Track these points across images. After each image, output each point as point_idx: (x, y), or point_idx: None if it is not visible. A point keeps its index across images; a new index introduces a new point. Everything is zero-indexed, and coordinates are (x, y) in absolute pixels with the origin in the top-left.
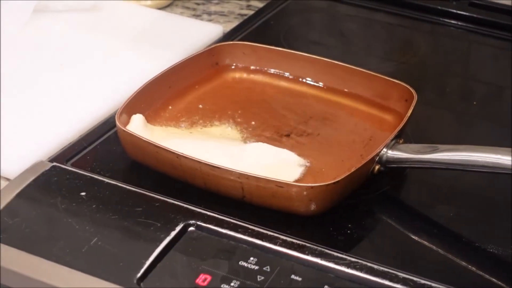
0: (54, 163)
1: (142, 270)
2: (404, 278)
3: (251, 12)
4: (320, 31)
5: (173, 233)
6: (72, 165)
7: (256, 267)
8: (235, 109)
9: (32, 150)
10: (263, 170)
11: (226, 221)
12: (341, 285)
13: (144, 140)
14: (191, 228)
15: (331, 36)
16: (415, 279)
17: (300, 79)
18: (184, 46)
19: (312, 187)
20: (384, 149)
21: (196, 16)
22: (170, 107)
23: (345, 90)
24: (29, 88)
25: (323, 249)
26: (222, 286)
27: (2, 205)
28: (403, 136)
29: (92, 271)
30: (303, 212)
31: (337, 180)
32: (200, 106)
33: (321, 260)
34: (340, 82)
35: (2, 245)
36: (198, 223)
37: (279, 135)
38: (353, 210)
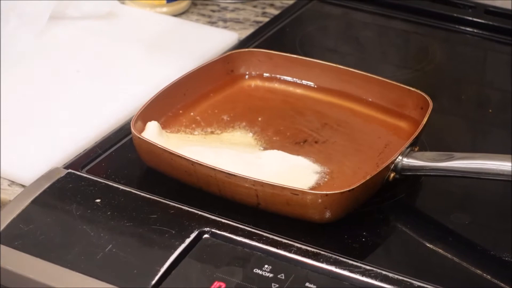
0: (69, 170)
1: (156, 277)
2: (419, 286)
3: (266, 19)
4: (336, 38)
5: (187, 240)
6: (87, 172)
7: (271, 275)
8: (250, 116)
9: (47, 156)
10: (278, 178)
11: (241, 228)
12: None
13: (159, 147)
14: (206, 236)
15: (347, 44)
16: (430, 287)
17: (316, 86)
18: (199, 53)
19: (327, 194)
20: (399, 157)
21: (212, 23)
22: (185, 114)
23: (361, 97)
24: (45, 95)
25: (337, 257)
26: None
27: (18, 212)
28: (419, 144)
29: (107, 278)
30: (318, 219)
31: (352, 187)
32: (215, 113)
33: (336, 268)
34: (356, 89)
35: (17, 251)
36: (213, 230)
37: (294, 143)
38: (368, 217)
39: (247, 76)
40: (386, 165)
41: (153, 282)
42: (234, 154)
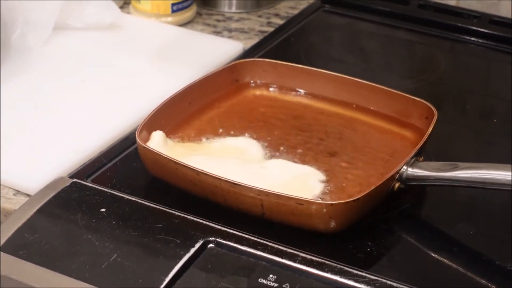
0: (75, 179)
1: (161, 287)
2: None
3: (271, 29)
4: (341, 48)
5: (192, 250)
6: (92, 182)
7: (276, 285)
8: (255, 126)
9: (52, 166)
10: (283, 187)
11: (246, 238)
12: None
13: (164, 157)
14: (211, 245)
15: (352, 53)
16: None
17: (321, 96)
18: (204, 63)
19: (331, 204)
20: (404, 167)
21: (217, 33)
22: (190, 124)
23: (366, 107)
24: (50, 105)
25: (342, 267)
26: None
27: (23, 221)
28: (423, 154)
29: (112, 287)
30: (322, 229)
31: (357, 197)
32: (220, 122)
33: (341, 277)
34: (361, 99)
35: (22, 261)
36: (218, 240)
37: (299, 152)
38: (373, 227)
39: (252, 86)
40: (391, 175)
41: None
42: (239, 163)
